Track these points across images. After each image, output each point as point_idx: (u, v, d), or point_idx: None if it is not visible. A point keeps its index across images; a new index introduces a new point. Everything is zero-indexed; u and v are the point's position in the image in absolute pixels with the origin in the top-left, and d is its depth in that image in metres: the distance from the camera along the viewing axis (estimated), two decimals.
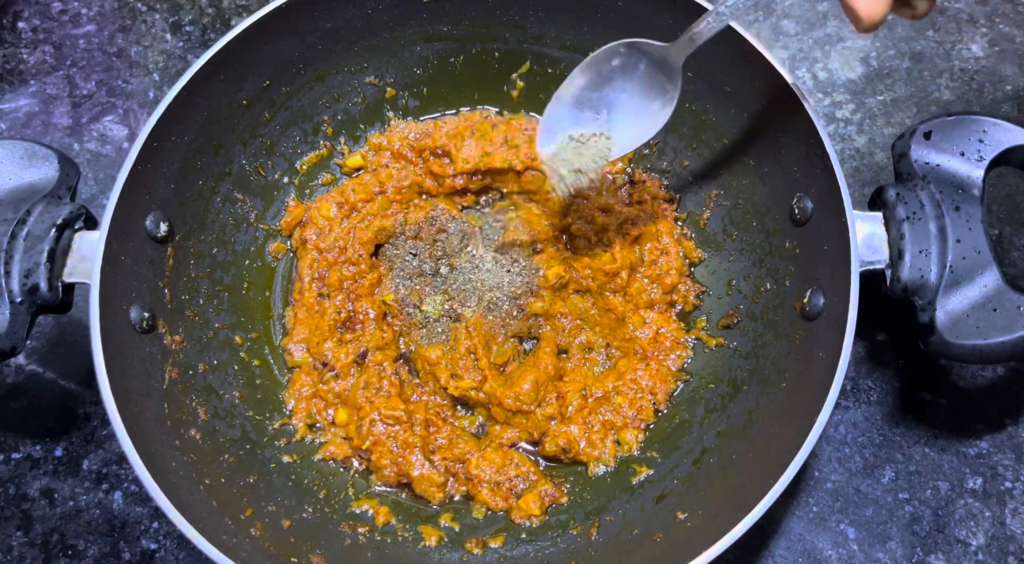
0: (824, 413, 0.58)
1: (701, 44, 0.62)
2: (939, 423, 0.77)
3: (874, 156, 0.88)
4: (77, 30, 0.97)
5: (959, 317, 0.62)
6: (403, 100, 0.86)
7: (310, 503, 0.71)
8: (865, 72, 0.92)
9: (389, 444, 0.72)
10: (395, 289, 0.79)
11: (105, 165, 0.89)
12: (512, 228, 0.81)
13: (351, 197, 0.82)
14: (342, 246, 0.80)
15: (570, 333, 0.79)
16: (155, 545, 0.74)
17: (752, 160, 0.75)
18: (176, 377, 0.69)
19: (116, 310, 0.64)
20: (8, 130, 0.91)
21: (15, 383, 0.80)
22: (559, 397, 0.75)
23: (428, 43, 0.82)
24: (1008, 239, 0.83)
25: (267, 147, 0.81)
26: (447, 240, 0.80)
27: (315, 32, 0.77)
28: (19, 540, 0.74)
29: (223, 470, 0.68)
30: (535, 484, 0.72)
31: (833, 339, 0.61)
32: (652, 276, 0.79)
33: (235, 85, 0.75)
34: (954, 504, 0.74)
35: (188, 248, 0.74)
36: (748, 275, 0.77)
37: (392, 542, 0.70)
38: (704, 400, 0.75)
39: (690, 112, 0.79)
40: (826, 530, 0.73)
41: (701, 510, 0.65)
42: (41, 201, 0.67)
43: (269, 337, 0.79)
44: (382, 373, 0.76)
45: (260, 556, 0.61)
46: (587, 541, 0.69)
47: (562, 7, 0.78)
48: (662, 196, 0.83)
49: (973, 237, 0.63)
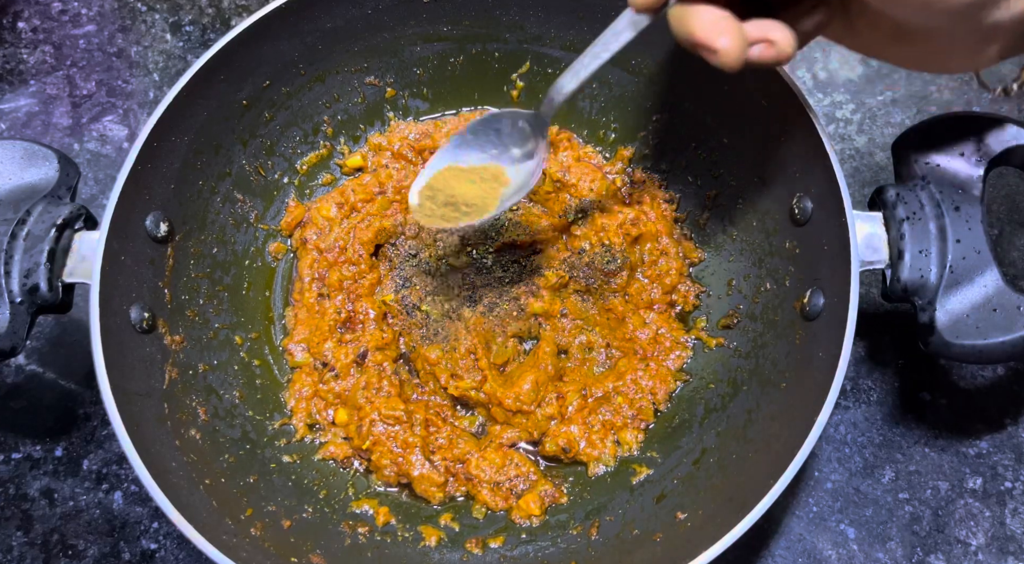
0: (824, 413, 0.58)
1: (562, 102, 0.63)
2: (939, 423, 0.77)
3: (874, 156, 0.88)
4: (77, 30, 0.97)
5: (959, 317, 0.62)
6: (403, 100, 0.86)
7: (310, 503, 0.71)
8: (865, 72, 0.92)
9: (389, 444, 0.72)
10: (395, 289, 0.79)
11: (105, 165, 0.89)
12: (512, 228, 0.81)
13: (351, 197, 0.82)
14: (342, 246, 0.80)
15: (570, 333, 0.79)
16: (155, 545, 0.74)
17: (752, 160, 0.75)
18: (176, 377, 0.69)
19: (116, 310, 0.64)
20: (8, 130, 0.91)
21: (15, 383, 0.80)
22: (559, 397, 0.75)
23: (428, 43, 0.82)
24: (1008, 239, 0.83)
25: (267, 147, 0.81)
26: (447, 240, 0.80)
27: (315, 32, 0.77)
28: (19, 540, 0.74)
29: (223, 470, 0.68)
30: (535, 484, 0.73)
31: (833, 339, 0.61)
32: (652, 276, 0.79)
33: (235, 85, 0.75)
34: (954, 504, 0.74)
35: (188, 248, 0.74)
36: (748, 275, 0.77)
37: (392, 542, 0.70)
38: (704, 400, 0.75)
39: (690, 112, 0.79)
40: (826, 530, 0.73)
41: (701, 510, 0.65)
42: (41, 201, 0.67)
43: (269, 337, 0.79)
44: (382, 373, 0.76)
45: (260, 556, 0.61)
46: (587, 541, 0.69)
47: (562, 7, 0.78)
48: (662, 196, 0.83)
49: (973, 237, 0.63)
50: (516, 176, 0.69)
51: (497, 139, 0.69)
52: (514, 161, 0.70)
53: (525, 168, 0.69)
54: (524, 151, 0.69)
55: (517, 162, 0.70)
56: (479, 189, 0.69)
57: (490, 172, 0.70)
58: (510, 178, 0.69)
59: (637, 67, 0.80)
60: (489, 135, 0.69)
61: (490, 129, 0.69)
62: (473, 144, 0.70)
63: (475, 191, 0.69)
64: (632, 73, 0.80)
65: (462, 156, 0.70)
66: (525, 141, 0.69)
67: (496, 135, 0.69)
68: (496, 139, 0.69)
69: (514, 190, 0.69)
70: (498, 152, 0.70)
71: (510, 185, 0.69)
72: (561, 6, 0.78)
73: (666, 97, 0.80)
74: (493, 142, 0.69)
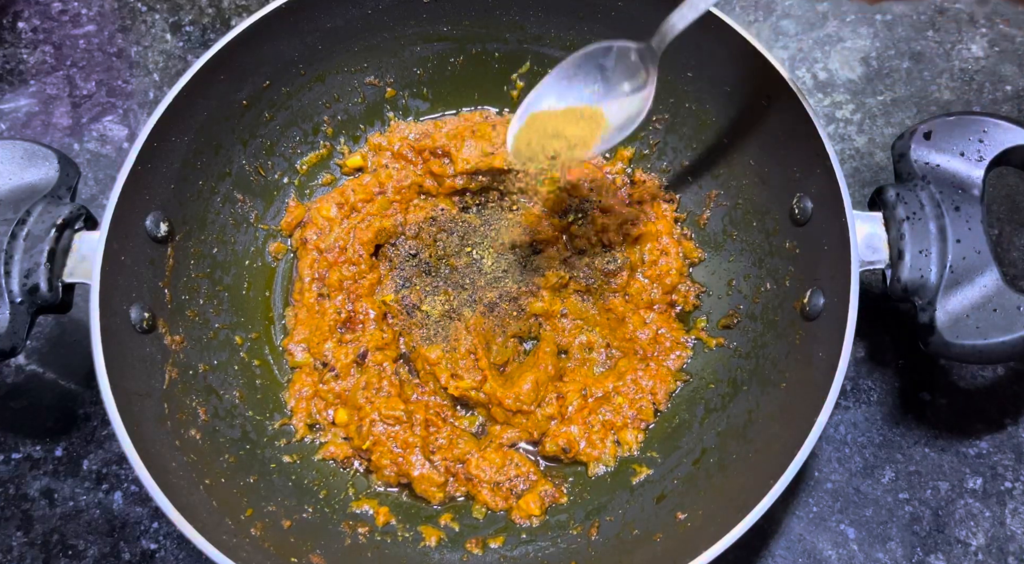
0: (824, 413, 0.58)
1: (677, 35, 0.61)
2: (939, 423, 0.76)
3: (874, 156, 0.88)
4: (77, 30, 0.97)
5: (959, 317, 0.62)
6: (403, 100, 0.86)
7: (310, 503, 0.71)
8: (865, 72, 0.92)
9: (389, 444, 0.72)
10: (395, 289, 0.79)
11: (105, 165, 0.89)
12: (512, 228, 0.81)
13: (351, 197, 0.82)
14: (342, 246, 0.80)
15: (570, 333, 0.79)
16: (155, 545, 0.74)
17: (752, 160, 0.75)
18: (176, 377, 0.69)
19: (116, 310, 0.64)
20: (8, 130, 0.91)
21: (15, 383, 0.80)
22: (559, 397, 0.75)
23: (428, 43, 0.82)
24: (1008, 239, 0.83)
25: (267, 147, 0.81)
26: (447, 240, 0.80)
27: (315, 32, 0.77)
28: (19, 540, 0.74)
29: (223, 470, 0.68)
30: (535, 484, 0.72)
31: (833, 339, 0.61)
32: (652, 276, 0.79)
33: (235, 85, 0.75)
34: (954, 504, 0.74)
35: (188, 248, 0.74)
36: (748, 275, 0.77)
37: (392, 542, 0.70)
38: (704, 400, 0.75)
39: (690, 112, 0.79)
40: (826, 530, 0.73)
41: (701, 510, 0.65)
42: (41, 201, 0.67)
43: (269, 337, 0.79)
44: (382, 373, 0.76)
45: (260, 556, 0.61)
46: (587, 541, 0.69)
47: (562, 7, 0.78)
48: (662, 196, 0.83)
49: (973, 237, 0.63)
50: (622, 110, 0.66)
51: (600, 75, 0.66)
52: (622, 95, 0.66)
53: (634, 101, 0.66)
54: (634, 85, 0.66)
55: (625, 96, 0.66)
56: (578, 129, 0.67)
57: (589, 113, 0.67)
58: (608, 120, 0.66)
59: None
60: (591, 70, 0.66)
61: (593, 64, 0.65)
62: (576, 78, 0.66)
63: (575, 131, 0.67)
64: None
65: (563, 93, 0.66)
66: (634, 74, 0.65)
67: (600, 71, 0.66)
68: (599, 75, 0.66)
69: (623, 122, 0.66)
70: (600, 89, 0.66)
71: (608, 126, 0.66)
72: (561, 6, 0.78)
73: (666, 97, 0.80)
74: (595, 78, 0.66)
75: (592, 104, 0.67)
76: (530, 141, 0.67)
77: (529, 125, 0.67)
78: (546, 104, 0.67)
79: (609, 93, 0.67)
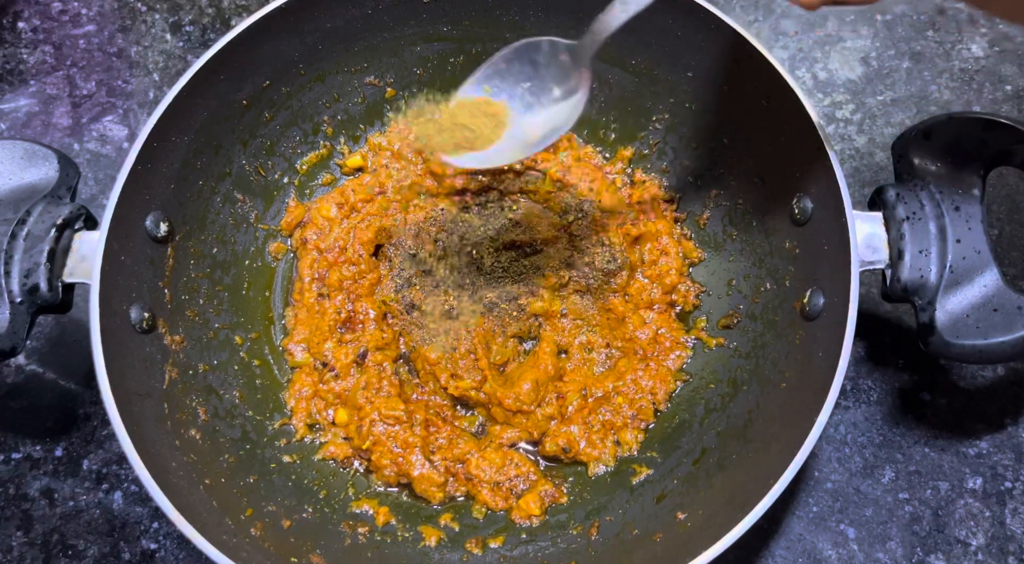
0: (824, 413, 0.58)
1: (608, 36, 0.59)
2: (939, 423, 0.76)
3: (874, 156, 0.88)
4: (77, 30, 0.97)
5: (959, 317, 0.62)
6: (403, 100, 0.86)
7: (310, 503, 0.71)
8: (865, 72, 0.92)
9: (389, 444, 0.72)
10: (395, 289, 0.79)
11: (105, 165, 0.89)
12: (512, 228, 0.81)
13: (351, 197, 0.82)
14: (342, 246, 0.80)
15: (570, 333, 0.79)
16: (155, 545, 0.74)
17: (752, 160, 0.75)
18: (176, 377, 0.69)
19: (116, 310, 0.64)
20: (8, 130, 0.91)
21: (15, 383, 0.80)
22: (559, 397, 0.75)
23: (428, 43, 0.82)
24: (1008, 239, 0.83)
25: (267, 147, 0.81)
26: (447, 240, 0.80)
27: (315, 32, 0.77)
28: (19, 540, 0.74)
29: (223, 470, 0.68)
30: (535, 484, 0.72)
31: (833, 339, 0.61)
32: (652, 276, 0.79)
33: (235, 85, 0.75)
34: (954, 504, 0.74)
35: (188, 248, 0.74)
36: (748, 275, 0.77)
37: (392, 542, 0.70)
38: (704, 400, 0.75)
39: (690, 112, 0.79)
40: (826, 530, 0.73)
41: (701, 510, 0.65)
42: (41, 201, 0.67)
43: (269, 337, 0.79)
44: (382, 373, 0.76)
45: (260, 556, 0.61)
46: (587, 541, 0.69)
47: (562, 7, 0.78)
48: (662, 196, 0.83)
49: (973, 237, 0.63)
50: (549, 120, 0.63)
51: (533, 71, 0.63)
52: (550, 103, 0.64)
53: (563, 108, 0.63)
54: (564, 89, 0.63)
55: (554, 102, 0.64)
56: (479, 123, 0.64)
57: (492, 108, 0.65)
58: (510, 119, 0.64)
59: (637, 67, 0.80)
60: (524, 66, 0.63)
61: (526, 59, 0.63)
62: (508, 74, 0.63)
63: (477, 124, 0.64)
64: (632, 73, 0.80)
65: (497, 87, 0.64)
66: (566, 77, 0.62)
67: (533, 68, 0.63)
68: (532, 71, 0.63)
69: (548, 133, 0.63)
70: (532, 86, 0.63)
71: (510, 127, 0.63)
72: (561, 6, 0.78)
73: (666, 97, 0.80)
74: (528, 75, 0.63)
75: (499, 100, 0.65)
76: (441, 127, 0.65)
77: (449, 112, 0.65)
78: (466, 93, 0.65)
79: (541, 94, 0.65)
